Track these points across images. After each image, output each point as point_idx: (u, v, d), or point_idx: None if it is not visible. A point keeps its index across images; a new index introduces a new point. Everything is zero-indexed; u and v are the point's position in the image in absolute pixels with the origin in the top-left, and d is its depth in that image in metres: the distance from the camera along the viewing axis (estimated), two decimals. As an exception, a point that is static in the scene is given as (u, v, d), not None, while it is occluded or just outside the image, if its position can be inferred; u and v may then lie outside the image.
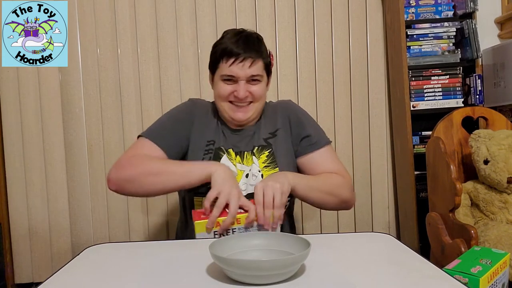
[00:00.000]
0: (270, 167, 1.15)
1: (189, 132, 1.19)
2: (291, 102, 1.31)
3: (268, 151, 1.17)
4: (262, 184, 0.96)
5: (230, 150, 1.17)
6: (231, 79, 1.13)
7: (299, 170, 1.21)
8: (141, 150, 1.10)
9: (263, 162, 1.16)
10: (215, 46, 1.17)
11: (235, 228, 0.92)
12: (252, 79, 1.13)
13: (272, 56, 1.21)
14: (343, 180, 1.14)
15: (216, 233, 0.92)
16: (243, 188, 1.11)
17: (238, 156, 1.17)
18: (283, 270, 0.63)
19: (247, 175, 1.14)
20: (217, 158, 1.15)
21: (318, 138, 1.19)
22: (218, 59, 1.13)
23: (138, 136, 1.15)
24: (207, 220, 0.92)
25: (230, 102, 1.15)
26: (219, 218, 0.92)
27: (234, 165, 1.14)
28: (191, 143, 1.18)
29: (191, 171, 1.02)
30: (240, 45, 1.11)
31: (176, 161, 1.11)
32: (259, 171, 1.14)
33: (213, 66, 1.17)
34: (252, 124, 1.22)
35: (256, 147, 1.17)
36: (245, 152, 1.17)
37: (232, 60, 1.10)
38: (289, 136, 1.21)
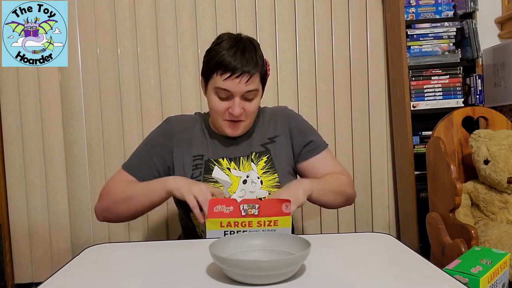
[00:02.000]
0: (269, 173, 1.14)
1: (169, 152, 1.17)
2: (288, 109, 1.29)
3: (266, 156, 1.16)
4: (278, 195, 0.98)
5: (221, 160, 1.14)
6: (225, 94, 1.07)
7: (300, 174, 1.23)
8: (117, 180, 1.15)
9: (261, 169, 1.14)
10: (209, 52, 1.10)
11: (246, 231, 0.92)
12: (247, 97, 1.08)
13: (268, 64, 1.16)
14: (346, 179, 1.20)
15: (226, 232, 0.92)
16: (241, 194, 1.09)
17: (232, 162, 1.14)
18: (283, 270, 0.63)
19: (244, 181, 1.11)
20: (208, 171, 1.11)
21: (318, 143, 1.23)
22: (212, 70, 1.06)
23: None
24: (219, 219, 0.91)
25: (225, 120, 1.11)
26: (229, 218, 0.92)
27: (227, 174, 1.11)
28: (176, 162, 1.16)
29: (150, 191, 1.05)
30: (237, 59, 1.03)
31: (142, 183, 1.11)
32: (258, 178, 1.12)
33: (206, 75, 1.10)
34: (246, 129, 1.20)
35: (254, 153, 1.16)
36: (241, 158, 1.15)
37: (227, 74, 1.03)
38: (289, 143, 1.21)
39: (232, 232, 0.92)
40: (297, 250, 0.69)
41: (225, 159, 1.15)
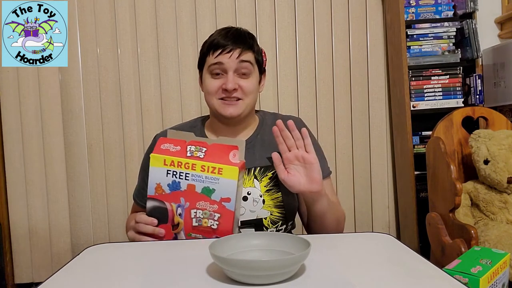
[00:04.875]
0: (272, 191, 1.07)
1: None
2: (303, 123, 1.19)
3: (272, 172, 1.08)
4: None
5: None
6: (219, 73, 1.05)
7: (298, 195, 1.14)
8: (131, 215, 1.18)
9: (265, 186, 1.07)
10: (204, 42, 1.12)
11: (188, 173, 0.89)
12: (242, 73, 1.05)
13: (265, 54, 1.14)
14: (344, 215, 1.15)
15: (169, 172, 0.90)
16: (241, 212, 1.02)
17: None
18: (283, 270, 0.63)
19: (245, 198, 1.04)
20: None
21: (321, 168, 1.09)
22: (206, 53, 1.08)
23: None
24: (163, 156, 0.89)
25: (221, 99, 1.07)
26: (173, 157, 0.89)
27: None
28: None
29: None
30: (228, 38, 1.05)
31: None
32: (261, 196, 1.05)
33: (201, 62, 1.11)
34: (247, 135, 1.13)
35: (258, 168, 1.08)
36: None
37: (219, 51, 1.04)
38: None
39: (174, 173, 0.90)
40: (297, 250, 0.69)
41: None
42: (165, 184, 0.91)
